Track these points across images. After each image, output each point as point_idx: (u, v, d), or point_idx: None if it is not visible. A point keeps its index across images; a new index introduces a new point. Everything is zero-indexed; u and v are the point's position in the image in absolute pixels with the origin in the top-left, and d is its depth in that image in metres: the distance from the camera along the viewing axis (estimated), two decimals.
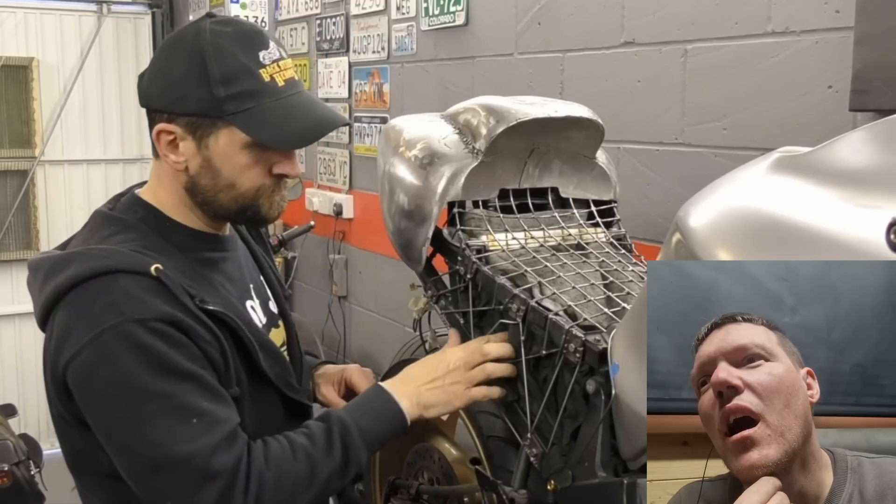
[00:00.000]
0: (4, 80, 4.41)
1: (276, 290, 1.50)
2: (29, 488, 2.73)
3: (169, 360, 1.16)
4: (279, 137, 1.24)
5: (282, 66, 1.26)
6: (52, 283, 1.21)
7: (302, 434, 1.27)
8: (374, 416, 1.32)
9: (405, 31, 2.98)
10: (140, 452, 1.16)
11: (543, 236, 1.58)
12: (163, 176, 1.31)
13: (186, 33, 1.26)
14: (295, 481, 1.22)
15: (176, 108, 1.24)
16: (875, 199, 0.86)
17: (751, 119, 1.82)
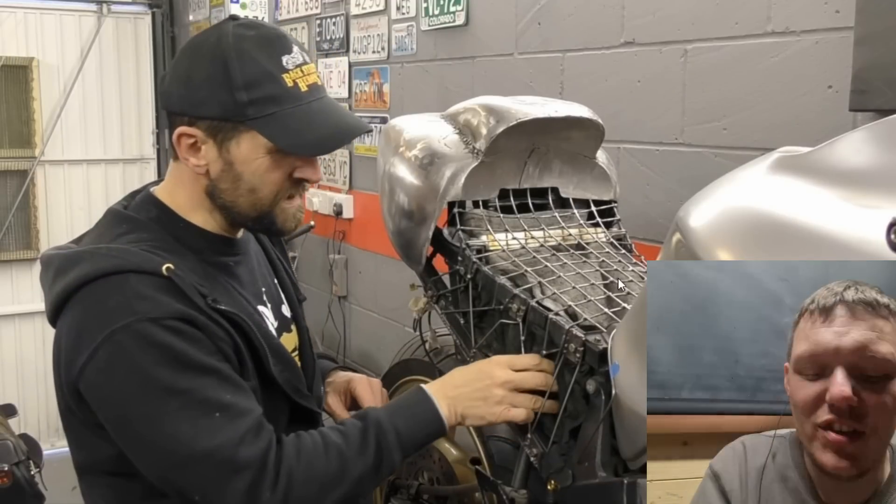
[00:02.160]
0: (4, 80, 4.41)
1: (290, 293, 1.49)
2: (29, 488, 2.73)
3: (187, 356, 1.16)
4: (301, 143, 1.24)
5: (305, 71, 1.25)
6: (62, 280, 1.21)
7: (336, 431, 1.26)
8: (413, 419, 1.30)
9: (405, 31, 2.98)
10: (165, 450, 1.16)
11: (543, 236, 1.58)
12: (181, 178, 1.31)
13: (209, 36, 1.25)
14: (325, 478, 1.21)
15: (197, 111, 1.23)
16: (875, 199, 0.86)
17: (751, 119, 1.82)
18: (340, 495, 1.22)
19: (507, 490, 1.41)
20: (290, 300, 1.49)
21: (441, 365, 1.79)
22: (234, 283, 1.33)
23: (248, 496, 1.15)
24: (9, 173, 4.48)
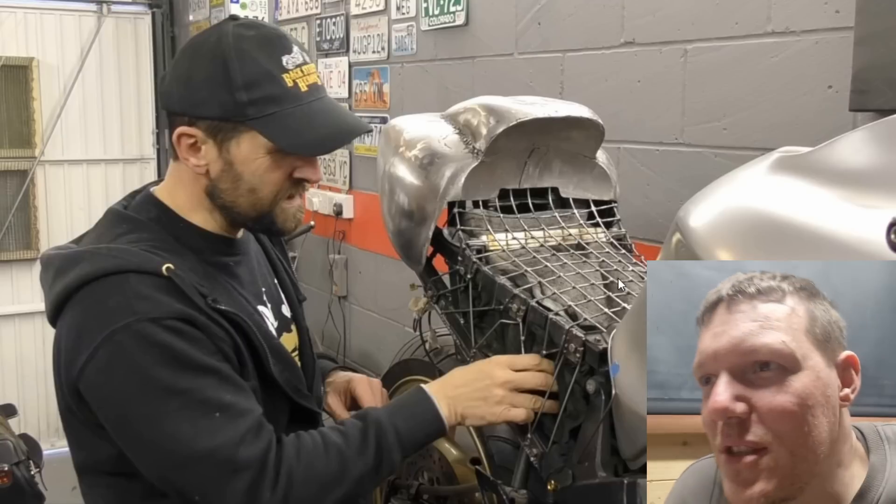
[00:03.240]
0: (4, 80, 4.41)
1: (290, 293, 1.49)
2: (29, 488, 2.73)
3: (187, 356, 1.16)
4: (301, 143, 1.24)
5: (305, 71, 1.25)
6: (62, 280, 1.21)
7: (336, 431, 1.26)
8: (413, 419, 1.30)
9: (405, 31, 2.98)
10: (165, 450, 1.16)
11: (544, 236, 1.58)
12: (181, 178, 1.31)
13: (209, 36, 1.25)
14: (325, 478, 1.21)
15: (197, 111, 1.23)
16: (875, 199, 0.86)
17: (751, 119, 1.82)
18: (340, 495, 1.22)
19: (507, 490, 1.41)
20: (290, 300, 1.49)
21: (441, 365, 1.78)
22: (234, 283, 1.33)
23: (248, 496, 1.15)
24: (9, 173, 4.48)
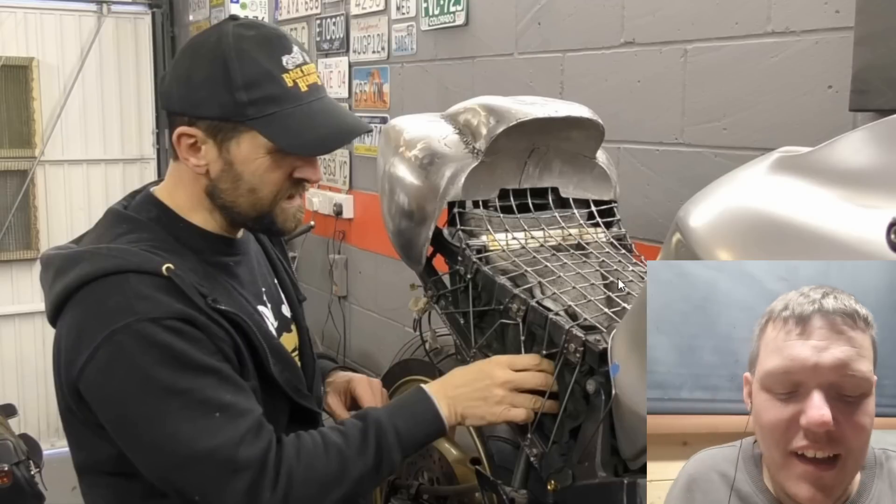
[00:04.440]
0: (4, 80, 4.41)
1: (290, 293, 1.49)
2: (29, 488, 2.73)
3: (187, 356, 1.16)
4: (301, 143, 1.24)
5: (305, 71, 1.25)
6: (62, 280, 1.21)
7: (336, 431, 1.26)
8: (413, 419, 1.30)
9: (405, 31, 2.98)
10: (165, 450, 1.16)
11: (543, 236, 1.58)
12: (182, 178, 1.31)
13: (209, 36, 1.25)
14: (325, 478, 1.21)
15: (197, 111, 1.23)
16: (875, 199, 0.86)
17: (751, 119, 1.82)
18: (340, 495, 1.22)
19: (507, 490, 1.41)
20: (290, 300, 1.49)
21: (441, 365, 1.78)
22: (234, 283, 1.33)
23: (248, 496, 1.16)
24: (9, 173, 4.48)
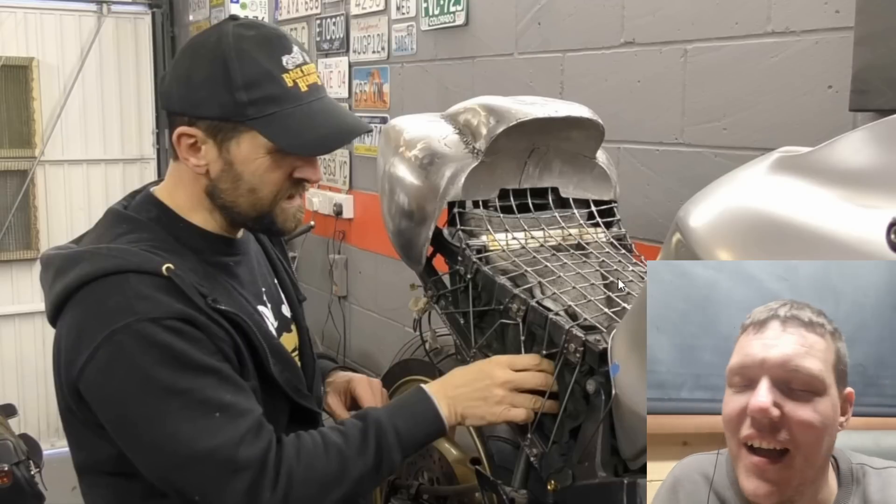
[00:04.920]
0: (4, 80, 4.41)
1: (290, 293, 1.49)
2: (29, 488, 2.73)
3: (187, 356, 1.16)
4: (300, 143, 1.24)
5: (305, 71, 1.25)
6: (62, 280, 1.21)
7: (336, 431, 1.26)
8: (413, 419, 1.30)
9: (405, 31, 2.98)
10: (165, 450, 1.16)
11: (543, 236, 1.58)
12: (182, 178, 1.31)
13: (209, 36, 1.25)
14: (325, 478, 1.21)
15: (197, 111, 1.23)
16: (875, 199, 0.86)
17: (751, 119, 1.82)
18: (340, 495, 1.22)
19: (507, 490, 1.41)
20: (290, 300, 1.49)
21: (441, 365, 1.78)
22: (234, 283, 1.33)
23: (248, 496, 1.16)
24: (9, 173, 4.48)
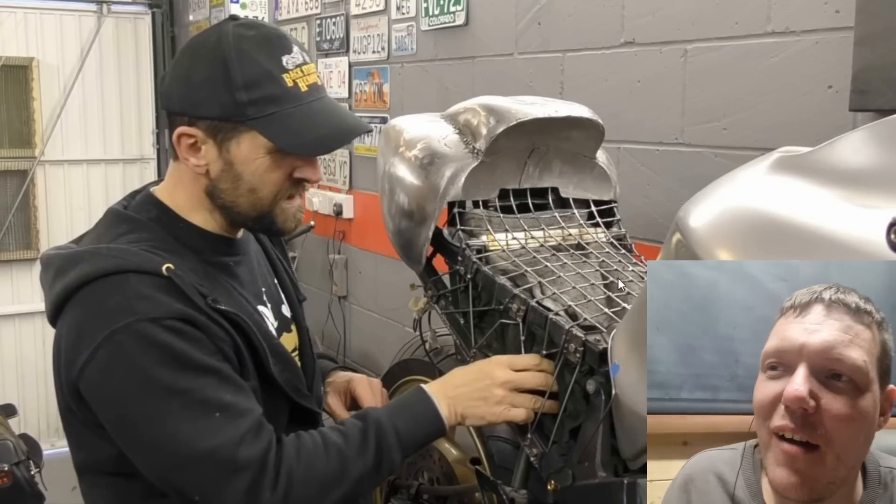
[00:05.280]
0: (4, 80, 4.41)
1: (290, 293, 1.50)
2: (29, 488, 2.73)
3: (187, 356, 1.16)
4: (300, 143, 1.24)
5: (305, 71, 1.25)
6: (62, 280, 1.21)
7: (336, 431, 1.26)
8: (413, 419, 1.30)
9: (405, 31, 2.98)
10: (165, 450, 1.16)
11: (544, 236, 1.58)
12: (182, 177, 1.31)
13: (209, 36, 1.25)
14: (325, 478, 1.21)
15: (197, 111, 1.23)
16: (875, 199, 0.86)
17: (751, 119, 1.82)
18: (340, 495, 1.22)
19: (507, 490, 1.41)
20: (290, 300, 1.49)
21: (441, 365, 1.78)
22: (234, 283, 1.33)
23: (248, 496, 1.16)
24: (9, 173, 4.48)
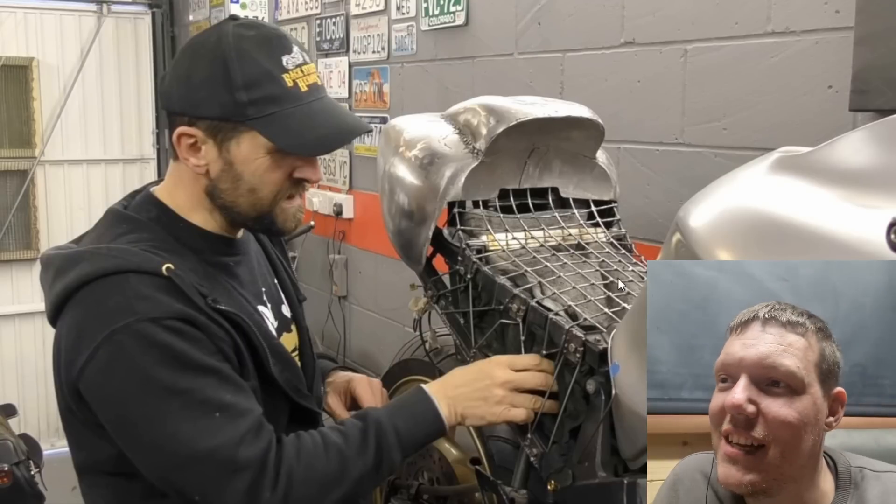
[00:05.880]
0: (4, 80, 4.41)
1: (290, 293, 1.50)
2: (29, 488, 2.73)
3: (187, 356, 1.16)
4: (300, 143, 1.24)
5: (305, 71, 1.25)
6: (62, 280, 1.21)
7: (336, 431, 1.26)
8: (413, 419, 1.30)
9: (405, 31, 2.98)
10: (165, 450, 1.16)
11: (544, 236, 1.58)
12: (182, 177, 1.31)
13: (209, 36, 1.25)
14: (325, 478, 1.21)
15: (197, 111, 1.23)
16: (875, 199, 0.86)
17: (751, 119, 1.82)
18: (340, 495, 1.22)
19: (507, 490, 1.41)
20: (290, 300, 1.49)
21: (441, 365, 1.78)
22: (234, 283, 1.33)
23: (248, 496, 1.16)
24: (9, 173, 4.48)
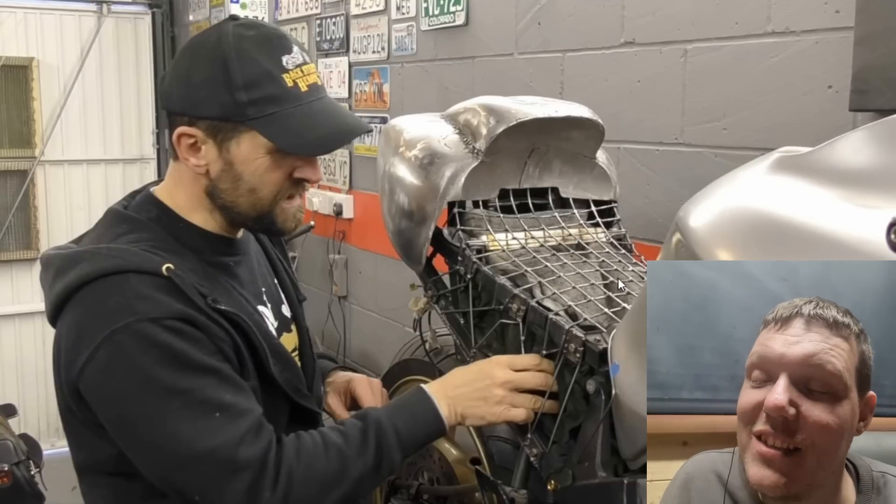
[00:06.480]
0: (4, 80, 4.41)
1: (290, 293, 1.50)
2: (29, 488, 2.73)
3: (187, 356, 1.16)
4: (300, 143, 1.24)
5: (305, 71, 1.25)
6: (62, 280, 1.21)
7: (336, 431, 1.27)
8: (413, 419, 1.30)
9: (405, 31, 2.98)
10: (165, 450, 1.16)
11: (544, 236, 1.58)
12: (182, 177, 1.31)
13: (209, 36, 1.25)
14: (325, 478, 1.21)
15: (197, 111, 1.23)
16: (875, 199, 0.86)
17: (751, 119, 1.82)
18: (340, 495, 1.22)
19: (507, 490, 1.41)
20: (290, 300, 1.49)
21: (441, 365, 1.79)
22: (234, 283, 1.34)
23: (248, 496, 1.16)
24: (9, 173, 4.48)
